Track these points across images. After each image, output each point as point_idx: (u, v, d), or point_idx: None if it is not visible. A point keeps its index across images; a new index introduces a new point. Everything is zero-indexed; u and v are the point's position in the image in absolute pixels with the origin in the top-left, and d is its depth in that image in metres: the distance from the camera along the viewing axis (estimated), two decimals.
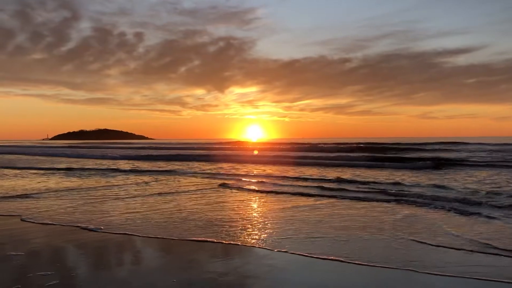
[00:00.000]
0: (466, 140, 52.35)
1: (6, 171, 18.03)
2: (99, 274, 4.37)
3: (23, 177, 15.22)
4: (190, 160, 25.93)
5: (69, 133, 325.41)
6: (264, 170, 17.81)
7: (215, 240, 5.68)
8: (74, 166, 21.08)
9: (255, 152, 23.68)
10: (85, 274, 4.36)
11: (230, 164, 21.85)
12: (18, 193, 10.53)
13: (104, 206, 8.56)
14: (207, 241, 5.66)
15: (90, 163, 23.75)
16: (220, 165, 21.57)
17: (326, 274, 4.37)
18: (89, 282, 4.09)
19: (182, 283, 4.07)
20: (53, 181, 13.55)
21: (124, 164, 22.76)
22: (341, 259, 4.80)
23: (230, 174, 16.20)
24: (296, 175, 15.14)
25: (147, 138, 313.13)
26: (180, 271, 4.46)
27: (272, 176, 15.15)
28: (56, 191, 11.03)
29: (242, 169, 18.72)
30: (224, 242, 5.61)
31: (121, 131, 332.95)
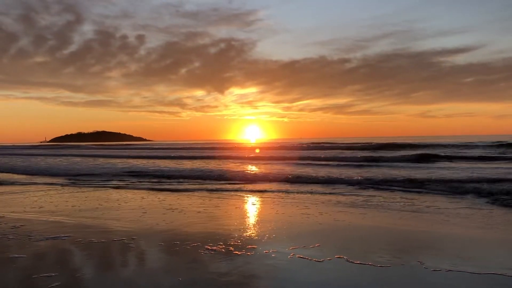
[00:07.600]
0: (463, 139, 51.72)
1: None
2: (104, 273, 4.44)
3: None
4: None
5: (67, 135, 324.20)
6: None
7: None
8: None
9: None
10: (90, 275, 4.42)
11: None
12: None
13: None
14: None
15: None
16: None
17: (328, 272, 4.43)
18: (94, 282, 4.16)
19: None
20: None
21: None
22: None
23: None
24: None
25: (145, 140, 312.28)
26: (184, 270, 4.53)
27: None
28: None
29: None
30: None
31: (119, 133, 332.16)
